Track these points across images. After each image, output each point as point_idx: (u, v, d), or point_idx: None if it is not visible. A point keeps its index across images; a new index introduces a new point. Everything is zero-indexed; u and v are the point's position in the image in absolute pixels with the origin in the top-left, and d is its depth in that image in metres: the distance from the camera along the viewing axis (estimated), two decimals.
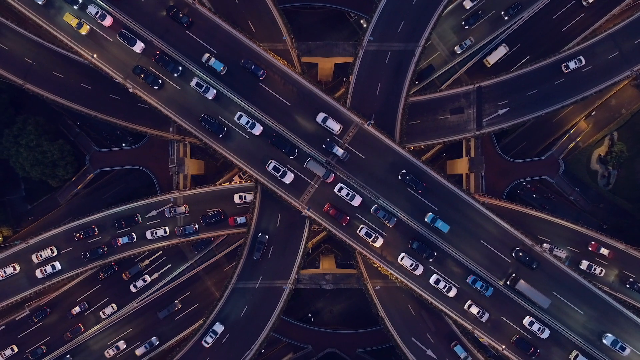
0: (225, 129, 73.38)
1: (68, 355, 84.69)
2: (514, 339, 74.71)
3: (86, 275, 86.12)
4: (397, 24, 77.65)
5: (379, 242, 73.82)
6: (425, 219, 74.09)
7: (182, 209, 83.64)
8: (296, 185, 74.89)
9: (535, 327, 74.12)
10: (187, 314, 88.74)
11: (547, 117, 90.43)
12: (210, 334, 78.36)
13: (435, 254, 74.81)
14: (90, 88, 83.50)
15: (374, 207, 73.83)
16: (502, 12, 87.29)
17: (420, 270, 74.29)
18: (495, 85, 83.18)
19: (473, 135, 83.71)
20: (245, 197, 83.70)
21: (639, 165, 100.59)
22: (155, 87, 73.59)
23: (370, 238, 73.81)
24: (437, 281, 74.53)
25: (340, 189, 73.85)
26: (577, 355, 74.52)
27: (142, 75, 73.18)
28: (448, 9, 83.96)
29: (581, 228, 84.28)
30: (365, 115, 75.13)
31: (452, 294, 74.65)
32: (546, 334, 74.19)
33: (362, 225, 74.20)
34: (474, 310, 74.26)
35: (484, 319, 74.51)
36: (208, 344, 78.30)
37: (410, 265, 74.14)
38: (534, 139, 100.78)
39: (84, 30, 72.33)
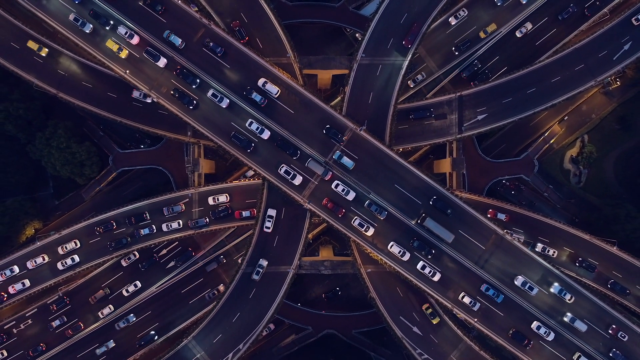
0: (253, 145, 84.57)
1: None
2: (511, 332, 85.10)
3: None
4: (387, 40, 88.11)
5: (370, 232, 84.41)
6: (334, 157, 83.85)
7: (178, 207, 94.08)
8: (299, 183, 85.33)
9: (542, 330, 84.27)
10: (200, 298, 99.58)
11: (524, 121, 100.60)
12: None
13: (433, 251, 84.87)
14: (115, 96, 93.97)
15: (367, 202, 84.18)
16: (453, 48, 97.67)
17: (407, 256, 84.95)
18: (475, 94, 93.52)
19: (455, 138, 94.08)
20: (218, 198, 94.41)
21: (607, 164, 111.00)
22: (190, 107, 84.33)
23: (362, 228, 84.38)
24: (423, 267, 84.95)
25: (336, 186, 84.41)
26: (579, 357, 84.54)
27: (177, 95, 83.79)
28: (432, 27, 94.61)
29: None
30: (359, 121, 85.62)
31: (436, 278, 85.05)
32: (551, 336, 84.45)
33: (356, 217, 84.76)
34: (467, 300, 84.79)
35: (475, 308, 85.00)
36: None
37: (399, 253, 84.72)
38: (512, 141, 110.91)
39: (123, 55, 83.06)
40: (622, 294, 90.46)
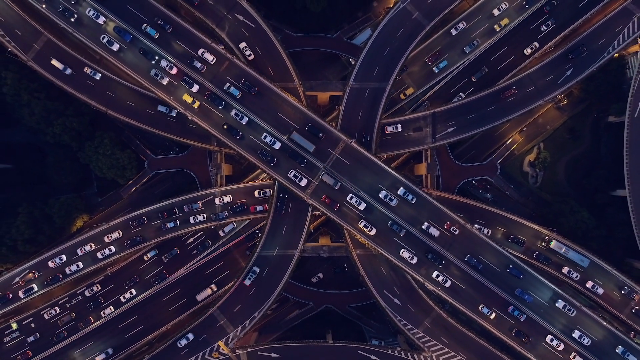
0: (276, 159, 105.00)
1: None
2: (514, 331, 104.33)
3: None
4: (374, 68, 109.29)
5: (373, 231, 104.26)
6: (225, 88, 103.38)
7: (197, 205, 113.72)
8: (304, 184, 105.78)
9: (555, 343, 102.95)
10: (221, 279, 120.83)
11: (490, 131, 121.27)
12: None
13: (443, 262, 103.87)
14: (153, 113, 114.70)
15: (389, 222, 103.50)
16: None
17: (415, 260, 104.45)
18: (446, 111, 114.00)
19: (429, 146, 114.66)
20: (223, 199, 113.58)
21: (559, 168, 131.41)
22: (237, 138, 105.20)
23: (367, 229, 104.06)
24: (437, 275, 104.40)
25: (351, 198, 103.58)
26: (574, 357, 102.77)
27: (225, 127, 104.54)
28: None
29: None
30: (351, 135, 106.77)
31: (447, 284, 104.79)
32: (561, 347, 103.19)
33: (362, 220, 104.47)
34: (485, 310, 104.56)
35: (492, 316, 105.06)
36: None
37: (408, 257, 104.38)
38: (481, 148, 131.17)
39: (196, 105, 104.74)
40: (545, 262, 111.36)
